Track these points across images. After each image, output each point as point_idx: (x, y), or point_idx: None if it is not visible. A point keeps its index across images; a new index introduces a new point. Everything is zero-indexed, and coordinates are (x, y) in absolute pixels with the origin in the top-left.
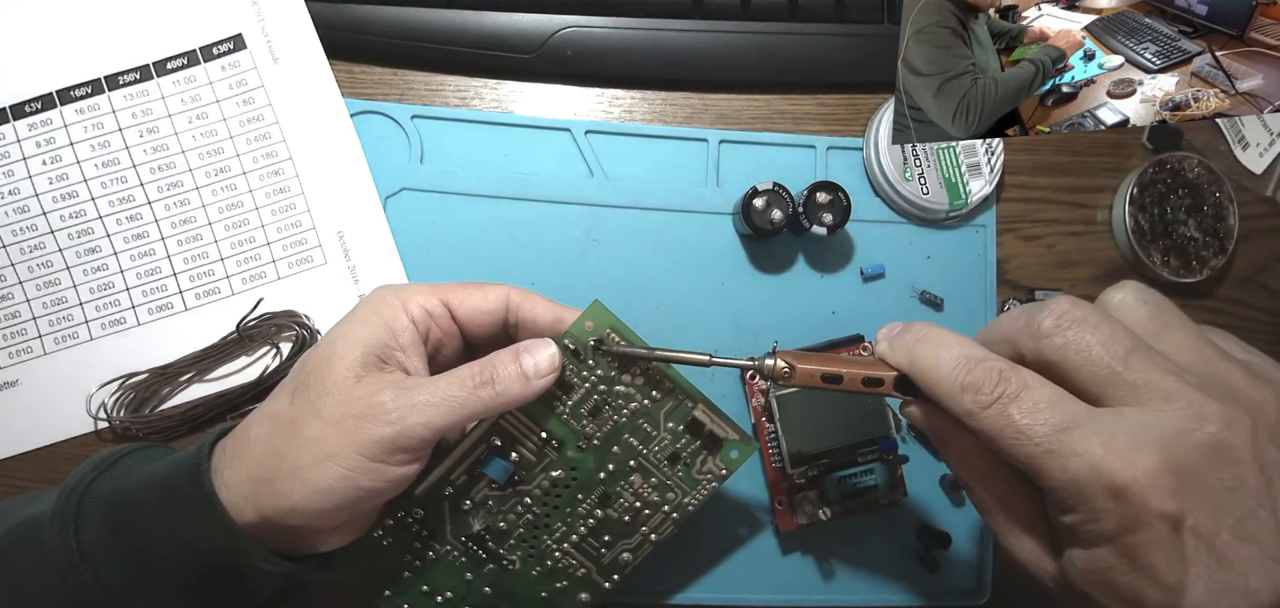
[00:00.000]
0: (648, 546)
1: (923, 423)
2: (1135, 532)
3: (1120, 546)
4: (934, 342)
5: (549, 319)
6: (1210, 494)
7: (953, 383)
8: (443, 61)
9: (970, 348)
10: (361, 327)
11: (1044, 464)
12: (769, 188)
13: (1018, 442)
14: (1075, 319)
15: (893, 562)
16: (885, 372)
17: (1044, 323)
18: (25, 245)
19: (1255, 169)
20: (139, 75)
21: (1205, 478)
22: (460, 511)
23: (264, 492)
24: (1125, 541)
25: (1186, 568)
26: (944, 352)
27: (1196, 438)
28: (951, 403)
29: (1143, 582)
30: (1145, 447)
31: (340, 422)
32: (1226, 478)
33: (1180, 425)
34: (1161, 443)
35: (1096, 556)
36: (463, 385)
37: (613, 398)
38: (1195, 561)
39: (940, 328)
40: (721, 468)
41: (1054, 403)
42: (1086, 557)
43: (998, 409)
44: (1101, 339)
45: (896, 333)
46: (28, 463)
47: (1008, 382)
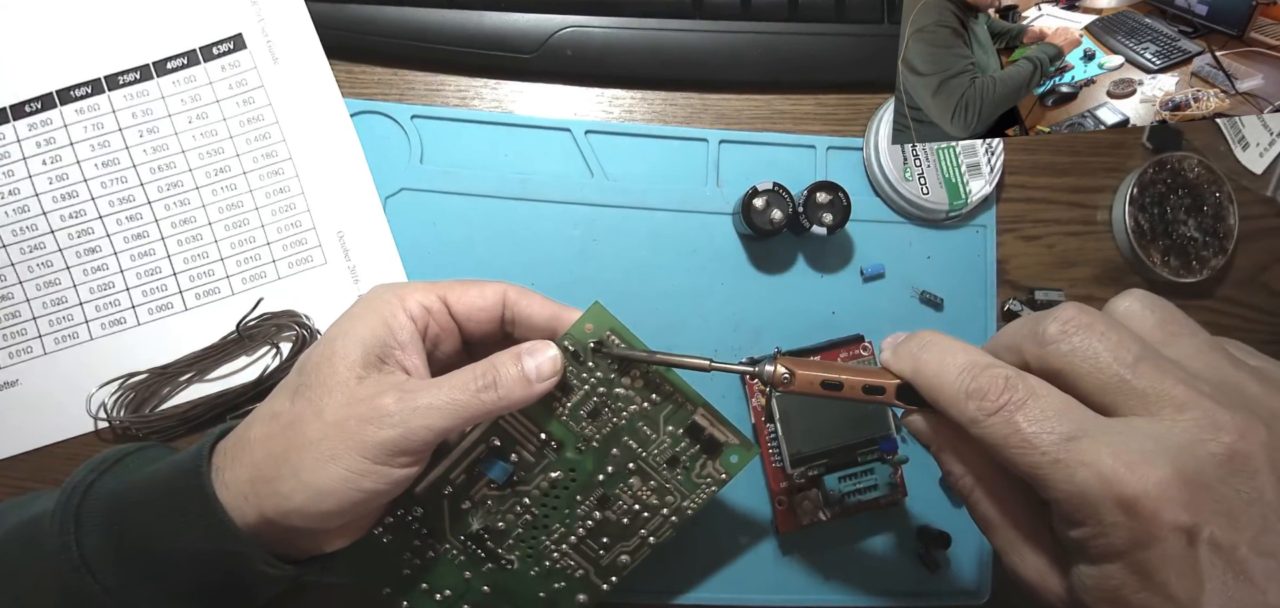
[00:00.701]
0: (646, 548)
1: (925, 433)
2: (1147, 547)
3: (1131, 562)
4: (939, 348)
5: (545, 316)
6: (1226, 507)
7: (957, 390)
8: (443, 61)
9: (976, 355)
10: (360, 325)
11: (1050, 475)
12: (769, 188)
13: (1023, 451)
14: (1082, 326)
15: (893, 562)
16: (887, 379)
17: (1049, 330)
18: (25, 245)
19: (1255, 169)
20: (139, 75)
21: (1220, 490)
22: (459, 510)
23: (265, 492)
24: (1136, 556)
25: (1202, 585)
26: (949, 358)
27: (1211, 448)
28: (955, 410)
29: (1155, 600)
30: (1157, 458)
31: (342, 424)
32: (1243, 490)
33: (1193, 435)
34: (1174, 454)
35: (1106, 572)
36: (465, 389)
37: (612, 400)
38: (1211, 576)
39: (946, 335)
40: (721, 472)
41: (1062, 411)
42: (1095, 574)
43: (1003, 417)
44: (1109, 346)
45: (900, 341)
46: (28, 463)
47: (1014, 389)
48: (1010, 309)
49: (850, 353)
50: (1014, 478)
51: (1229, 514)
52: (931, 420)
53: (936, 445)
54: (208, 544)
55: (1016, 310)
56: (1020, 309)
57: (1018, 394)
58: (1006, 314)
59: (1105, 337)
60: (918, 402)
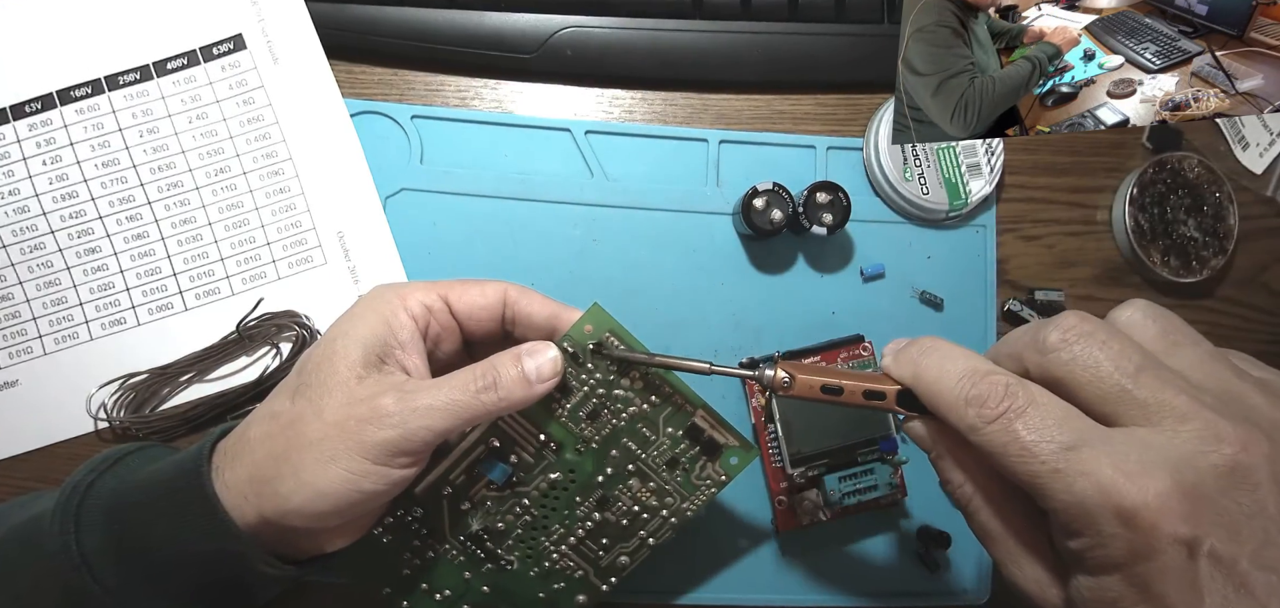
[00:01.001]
0: (645, 549)
1: (926, 440)
2: (1146, 560)
3: (1130, 574)
4: (940, 354)
5: (545, 315)
6: (1227, 519)
7: (957, 396)
8: (443, 61)
9: (976, 362)
10: (361, 325)
11: (1049, 484)
12: (769, 188)
13: (1022, 459)
14: (1083, 334)
15: (893, 562)
16: (887, 385)
17: (1051, 338)
18: (25, 245)
19: (1255, 169)
20: (139, 75)
21: (1221, 502)
22: (459, 510)
23: (265, 492)
24: (1135, 569)
25: (1202, 599)
26: (949, 364)
27: (1212, 460)
28: (955, 417)
29: None
30: (1157, 469)
31: (343, 424)
32: (1245, 502)
33: (1194, 447)
34: (1174, 465)
35: (1104, 584)
36: (465, 389)
37: (612, 402)
38: (1211, 590)
39: (947, 341)
40: (721, 474)
41: (1062, 420)
42: (1094, 585)
43: (1003, 424)
44: (1111, 355)
45: (901, 347)
46: (28, 463)
47: (1015, 396)
48: (1010, 309)
49: (850, 353)
50: (1013, 488)
51: (1230, 527)
52: (931, 427)
53: (936, 453)
54: (208, 544)
55: (1016, 310)
56: (1020, 309)
57: (1018, 402)
58: (1006, 314)
59: (1107, 345)
60: (918, 408)
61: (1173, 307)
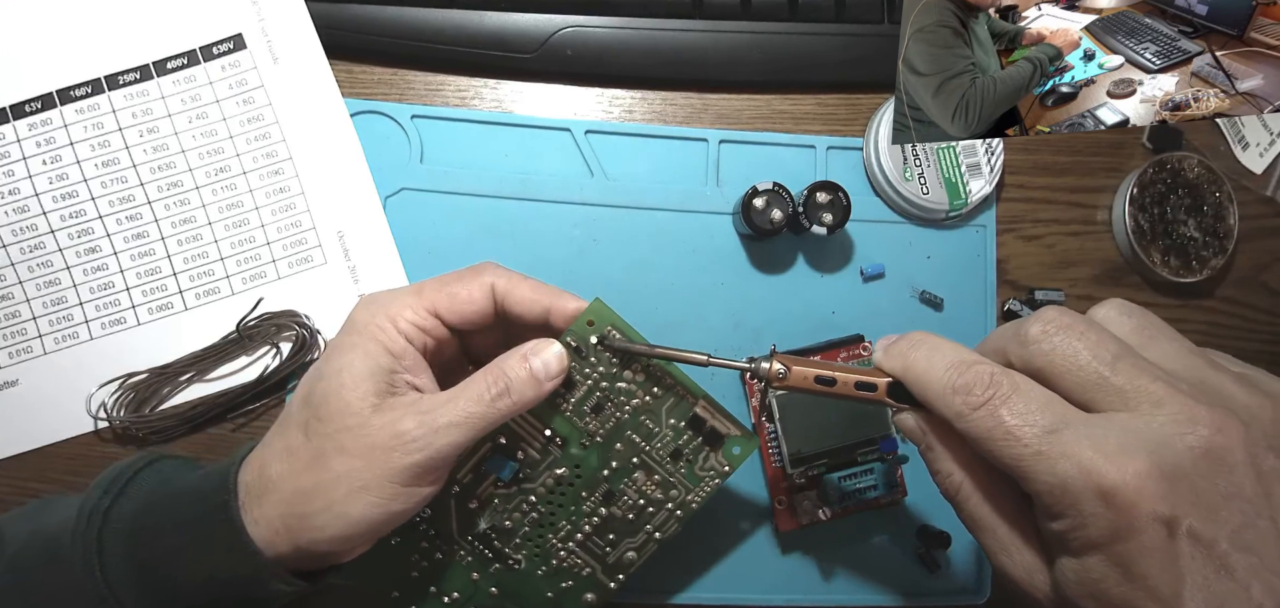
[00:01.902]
0: (652, 544)
1: (915, 431)
2: (1126, 538)
3: (1111, 554)
4: (928, 347)
5: (536, 300)
6: (1205, 500)
7: (944, 385)
8: (443, 61)
9: (963, 353)
10: (361, 357)
11: (1032, 467)
12: (769, 188)
13: (1007, 443)
14: (1063, 326)
15: (893, 562)
16: (879, 377)
17: (1032, 330)
18: (25, 245)
19: (1255, 169)
20: (139, 75)
21: (1198, 483)
22: (467, 510)
23: (298, 527)
24: (1116, 548)
25: (1182, 579)
26: (937, 356)
27: (1188, 441)
28: (943, 406)
29: (1136, 594)
30: (1134, 450)
31: (369, 454)
32: (1221, 484)
33: (1171, 429)
34: (1151, 446)
35: (1088, 565)
36: (480, 401)
37: (615, 395)
38: (1192, 570)
39: (935, 335)
40: (724, 464)
41: (1044, 406)
42: (1077, 566)
43: (988, 411)
44: (1089, 345)
45: (892, 342)
46: (28, 463)
47: (999, 384)
48: (1010, 309)
49: (850, 353)
50: (1001, 477)
51: (1208, 508)
52: (921, 418)
53: (926, 444)
54: (234, 573)
55: (1016, 310)
56: (1020, 309)
57: (1002, 389)
58: (1006, 314)
59: (1085, 336)
60: (908, 399)
61: (1173, 307)
